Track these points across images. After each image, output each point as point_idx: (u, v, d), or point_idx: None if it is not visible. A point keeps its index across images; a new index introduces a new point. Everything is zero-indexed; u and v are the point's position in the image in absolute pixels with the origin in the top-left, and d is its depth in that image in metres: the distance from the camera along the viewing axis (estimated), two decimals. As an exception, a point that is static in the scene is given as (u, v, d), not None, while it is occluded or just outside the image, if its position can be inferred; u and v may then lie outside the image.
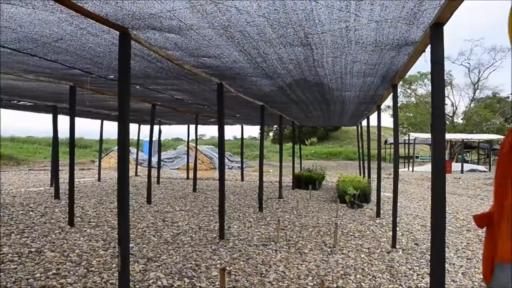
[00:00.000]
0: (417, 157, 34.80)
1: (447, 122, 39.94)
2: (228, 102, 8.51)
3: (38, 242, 5.75)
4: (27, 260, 4.92)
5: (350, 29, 3.44)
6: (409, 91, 45.13)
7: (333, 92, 7.14)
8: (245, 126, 18.49)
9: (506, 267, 1.52)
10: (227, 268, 4.76)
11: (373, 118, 14.73)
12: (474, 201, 11.69)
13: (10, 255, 5.09)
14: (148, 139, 11.81)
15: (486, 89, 44.52)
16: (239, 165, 20.55)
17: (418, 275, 4.73)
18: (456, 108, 43.44)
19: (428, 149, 42.54)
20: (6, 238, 5.93)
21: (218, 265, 4.87)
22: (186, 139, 17.60)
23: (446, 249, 5.71)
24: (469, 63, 48.89)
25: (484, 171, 25.43)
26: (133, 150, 20.16)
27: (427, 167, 26.59)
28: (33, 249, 5.37)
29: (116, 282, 4.19)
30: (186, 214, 8.25)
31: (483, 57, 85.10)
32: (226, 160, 24.67)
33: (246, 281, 4.37)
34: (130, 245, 5.43)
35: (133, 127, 20.13)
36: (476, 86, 42.71)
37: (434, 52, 3.01)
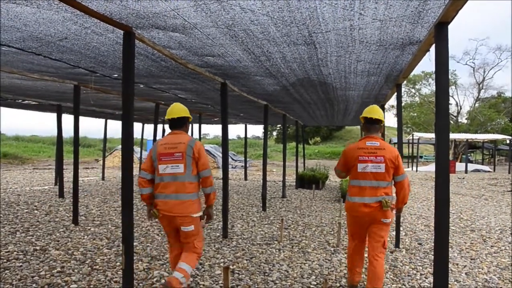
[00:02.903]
0: (421, 157, 34.72)
1: (451, 122, 39.80)
2: (232, 102, 8.51)
3: (42, 240, 5.78)
4: (32, 258, 4.95)
5: (354, 28, 3.44)
6: (413, 90, 44.99)
7: (336, 91, 7.13)
8: (248, 126, 18.51)
9: None
10: (231, 267, 4.76)
11: (377, 117, 14.69)
12: (478, 201, 11.64)
13: (15, 253, 5.12)
14: (152, 138, 11.83)
15: (491, 89, 44.34)
16: (243, 164, 20.56)
17: (421, 275, 4.71)
18: (461, 108, 43.29)
19: (432, 149, 42.40)
20: (11, 236, 5.96)
21: (222, 264, 4.88)
22: (189, 138, 17.61)
23: (450, 249, 5.69)
24: (474, 63, 48.71)
25: (489, 171, 25.29)
26: (137, 149, 20.20)
27: (431, 167, 26.51)
28: (38, 247, 5.40)
29: (120, 280, 4.21)
30: (189, 213, 8.25)
31: (488, 57, 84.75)
32: (229, 159, 24.67)
33: (249, 280, 4.38)
34: (134, 243, 5.45)
35: (137, 126, 20.18)
36: (480, 85, 42.50)
37: (439, 52, 3.00)
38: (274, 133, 53.08)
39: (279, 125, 40.77)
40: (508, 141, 29.89)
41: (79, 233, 6.31)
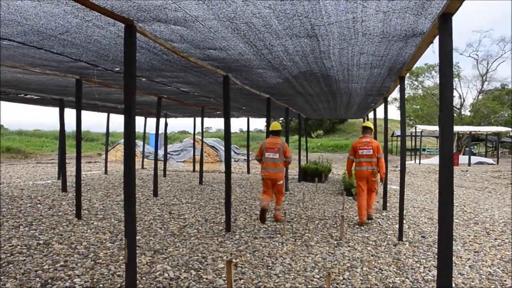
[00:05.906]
0: (423, 150, 34.62)
1: (455, 114, 39.59)
2: (234, 95, 8.48)
3: (46, 235, 5.81)
4: (35, 252, 4.97)
5: (357, 20, 3.40)
6: (416, 83, 44.77)
7: (339, 84, 7.09)
8: (251, 119, 18.47)
9: None
10: (234, 260, 4.77)
11: (380, 110, 14.61)
12: (481, 194, 11.61)
13: (19, 247, 5.14)
14: (154, 132, 11.84)
15: (495, 81, 44.14)
16: (245, 157, 20.55)
17: (425, 267, 4.71)
18: (464, 100, 43.04)
19: (435, 141, 42.27)
20: (15, 231, 6.00)
21: (225, 258, 4.89)
22: (192, 132, 17.62)
23: (453, 242, 5.68)
24: (477, 55, 48.24)
25: (492, 164, 25.21)
26: (139, 143, 20.24)
27: (434, 160, 26.43)
28: (41, 241, 5.43)
29: (123, 274, 4.22)
30: (192, 207, 8.28)
31: (491, 49, 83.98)
32: (232, 153, 24.66)
33: (252, 273, 4.39)
34: (137, 237, 5.47)
35: (139, 120, 20.18)
36: (484, 78, 42.21)
37: (442, 43, 2.96)
38: (277, 126, 52.94)
39: (281, 118, 40.67)
40: (511, 134, 29.75)
41: (82, 227, 6.33)
